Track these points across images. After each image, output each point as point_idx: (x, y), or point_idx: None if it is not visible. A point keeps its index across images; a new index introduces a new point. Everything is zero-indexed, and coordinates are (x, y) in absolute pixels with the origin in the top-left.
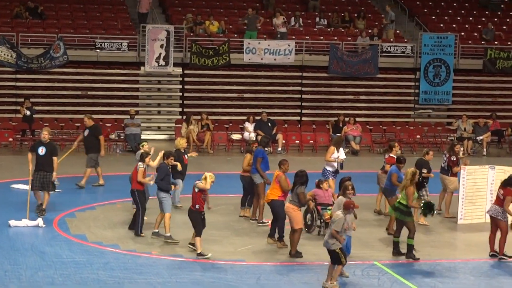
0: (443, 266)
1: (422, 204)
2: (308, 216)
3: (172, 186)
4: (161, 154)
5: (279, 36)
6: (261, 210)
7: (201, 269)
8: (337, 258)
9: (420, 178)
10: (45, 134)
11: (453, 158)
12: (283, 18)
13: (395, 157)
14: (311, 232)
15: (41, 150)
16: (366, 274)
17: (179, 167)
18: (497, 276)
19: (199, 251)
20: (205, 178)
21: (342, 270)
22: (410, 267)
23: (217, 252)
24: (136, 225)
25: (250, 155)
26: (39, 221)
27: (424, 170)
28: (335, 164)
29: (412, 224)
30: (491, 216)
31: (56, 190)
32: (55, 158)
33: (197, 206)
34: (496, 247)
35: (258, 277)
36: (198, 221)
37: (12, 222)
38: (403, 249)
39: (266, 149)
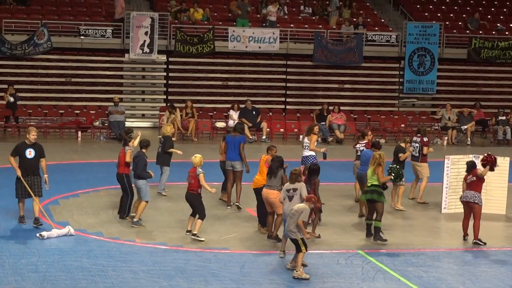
0: (427, 255)
1: (390, 172)
2: None
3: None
4: (139, 135)
5: (267, 24)
6: (239, 194)
7: (185, 258)
8: (297, 245)
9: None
10: (33, 135)
11: (425, 138)
12: (278, 7)
13: (370, 142)
14: None
15: (29, 153)
16: (350, 263)
17: (179, 152)
18: (481, 265)
19: (195, 232)
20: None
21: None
22: (393, 256)
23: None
24: (122, 209)
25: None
26: (70, 228)
27: (400, 154)
28: (320, 156)
29: (381, 206)
30: (466, 202)
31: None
32: (44, 160)
33: (199, 190)
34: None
35: (242, 265)
36: (201, 204)
37: (45, 234)
38: (382, 232)
39: (250, 137)
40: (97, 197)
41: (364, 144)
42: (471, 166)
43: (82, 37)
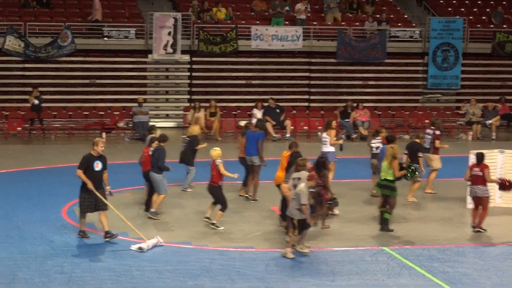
0: (452, 251)
1: (407, 167)
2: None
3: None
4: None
5: (299, 22)
6: (256, 189)
7: (210, 256)
8: (293, 223)
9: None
10: (102, 147)
11: (437, 132)
12: (306, 4)
13: (384, 137)
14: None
15: (97, 165)
16: (375, 260)
17: (204, 145)
18: (507, 259)
19: (215, 221)
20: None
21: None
22: (419, 252)
23: (226, 239)
24: (148, 204)
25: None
26: (158, 238)
27: (420, 154)
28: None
29: (393, 200)
30: (477, 197)
31: None
32: (106, 172)
33: (220, 183)
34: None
35: (267, 264)
36: (223, 195)
37: (144, 246)
38: (391, 224)
39: (275, 135)
40: (123, 198)
41: (379, 141)
42: (480, 158)
43: (105, 38)
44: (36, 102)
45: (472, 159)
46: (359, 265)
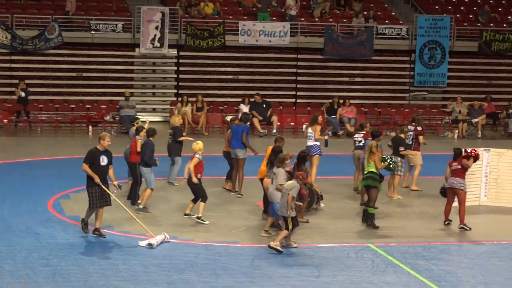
0: (437, 248)
1: (387, 160)
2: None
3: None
4: (148, 122)
5: (287, 18)
6: (241, 183)
7: (195, 251)
8: (286, 222)
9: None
10: (108, 141)
11: (419, 128)
12: (296, 1)
13: (368, 133)
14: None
15: (103, 160)
16: (360, 256)
17: (191, 139)
18: (491, 258)
19: (200, 215)
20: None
21: (289, 239)
22: (404, 249)
23: (211, 234)
24: (132, 196)
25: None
26: (165, 235)
27: (401, 148)
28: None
29: (375, 192)
30: (451, 188)
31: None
32: (112, 167)
33: (199, 176)
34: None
35: (253, 259)
36: (202, 188)
37: (154, 242)
38: (375, 219)
39: (261, 131)
40: None
41: (362, 135)
42: (457, 153)
43: (92, 31)
44: (23, 94)
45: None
46: (344, 261)
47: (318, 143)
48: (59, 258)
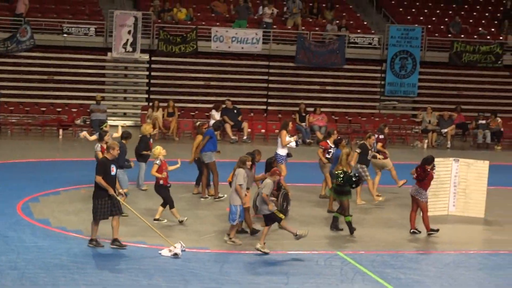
0: (406, 257)
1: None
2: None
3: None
4: (120, 126)
5: (264, 26)
6: (216, 186)
7: (165, 256)
8: (275, 217)
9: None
10: (117, 151)
11: (381, 136)
12: (272, 9)
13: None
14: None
15: (112, 169)
16: (329, 264)
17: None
18: (459, 267)
19: (180, 219)
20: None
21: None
22: (372, 257)
23: (182, 239)
24: None
25: (201, 136)
26: (181, 243)
27: (358, 150)
28: (292, 144)
29: (346, 202)
30: (412, 196)
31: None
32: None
33: (160, 182)
34: (417, 225)
35: (222, 265)
36: (168, 194)
37: (178, 251)
38: (342, 223)
39: (232, 137)
40: (78, 195)
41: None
42: (424, 160)
43: (65, 35)
44: None
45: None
46: (313, 268)
47: (283, 151)
48: (27, 262)
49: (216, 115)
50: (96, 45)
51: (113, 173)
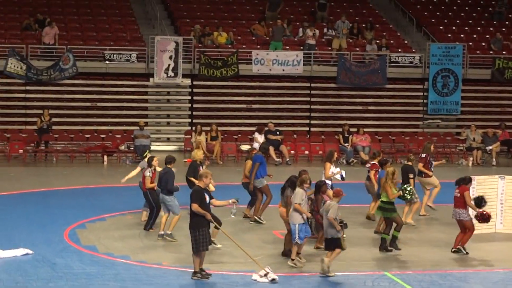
0: (454, 276)
1: (403, 190)
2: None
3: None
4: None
5: (307, 47)
6: (264, 208)
7: (213, 280)
8: (339, 245)
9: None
10: (210, 179)
11: (423, 155)
12: (314, 30)
13: (377, 163)
14: None
15: (206, 198)
16: (377, 285)
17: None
18: (507, 286)
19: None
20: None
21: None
22: (420, 277)
23: (229, 263)
24: (148, 222)
25: (250, 161)
26: (269, 267)
27: (411, 175)
28: (337, 176)
29: (399, 218)
30: (457, 220)
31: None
32: None
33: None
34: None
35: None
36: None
37: (274, 276)
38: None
39: (276, 159)
40: (124, 221)
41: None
42: (460, 180)
43: (107, 61)
44: (45, 126)
45: (473, 185)
46: None
47: (328, 181)
48: None
49: (259, 138)
50: (138, 71)
51: (207, 201)
